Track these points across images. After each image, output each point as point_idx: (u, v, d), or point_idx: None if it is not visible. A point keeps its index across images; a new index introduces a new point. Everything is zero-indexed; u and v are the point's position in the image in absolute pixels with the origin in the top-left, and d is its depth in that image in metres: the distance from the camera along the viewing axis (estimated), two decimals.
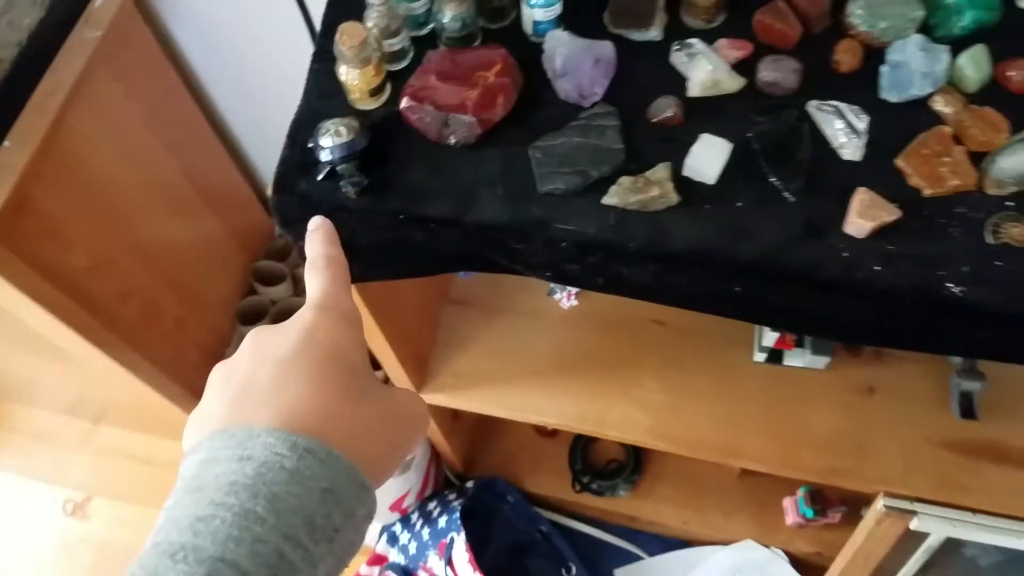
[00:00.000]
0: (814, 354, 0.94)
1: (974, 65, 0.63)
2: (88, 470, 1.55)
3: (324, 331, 0.34)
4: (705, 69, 0.62)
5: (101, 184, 1.06)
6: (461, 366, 1.07)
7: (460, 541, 1.22)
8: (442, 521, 1.29)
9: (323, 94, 0.68)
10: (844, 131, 0.60)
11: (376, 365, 1.23)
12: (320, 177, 0.64)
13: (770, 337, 0.93)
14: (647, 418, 0.99)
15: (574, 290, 1.08)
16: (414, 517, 1.34)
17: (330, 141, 0.63)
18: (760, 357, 0.97)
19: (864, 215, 0.57)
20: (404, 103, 0.64)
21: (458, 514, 1.25)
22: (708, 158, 0.61)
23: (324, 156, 0.64)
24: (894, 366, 0.98)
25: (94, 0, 0.97)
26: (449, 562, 1.24)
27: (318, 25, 0.78)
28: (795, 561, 1.24)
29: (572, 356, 1.05)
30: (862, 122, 0.61)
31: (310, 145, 0.64)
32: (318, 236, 0.42)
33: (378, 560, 1.37)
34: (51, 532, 1.51)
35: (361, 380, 0.34)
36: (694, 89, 0.63)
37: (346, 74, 0.64)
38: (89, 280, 1.06)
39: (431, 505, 1.34)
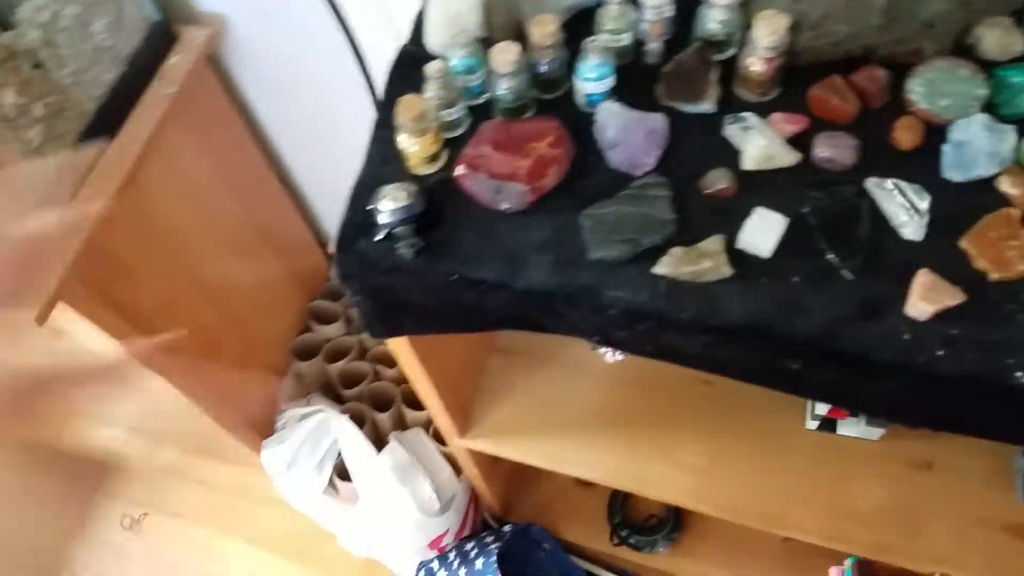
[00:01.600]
0: (869, 424, 0.91)
1: None
2: (146, 488, 1.62)
3: None
4: (759, 143, 0.62)
5: (171, 229, 1.12)
6: (503, 414, 1.07)
7: None
8: (479, 563, 1.28)
9: (383, 160, 0.70)
10: (905, 209, 0.59)
11: (420, 407, 1.24)
12: (379, 238, 0.66)
13: (823, 405, 0.91)
14: (689, 479, 0.96)
15: None
16: (451, 556, 1.34)
17: (389, 205, 0.66)
18: (812, 424, 0.94)
19: (926, 298, 0.56)
20: (459, 171, 0.66)
21: (495, 558, 1.24)
22: (763, 232, 0.61)
23: (383, 219, 0.66)
24: (953, 440, 0.93)
25: (170, 57, 1.03)
26: None
27: (378, 87, 0.82)
28: None
29: (614, 410, 1.04)
30: (923, 201, 0.60)
31: (370, 208, 0.67)
32: None
33: None
34: (108, 544, 1.57)
35: None
36: (748, 162, 0.63)
37: (405, 143, 0.67)
38: (157, 317, 1.11)
39: (468, 546, 1.34)
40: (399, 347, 0.82)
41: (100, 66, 0.98)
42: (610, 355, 1.08)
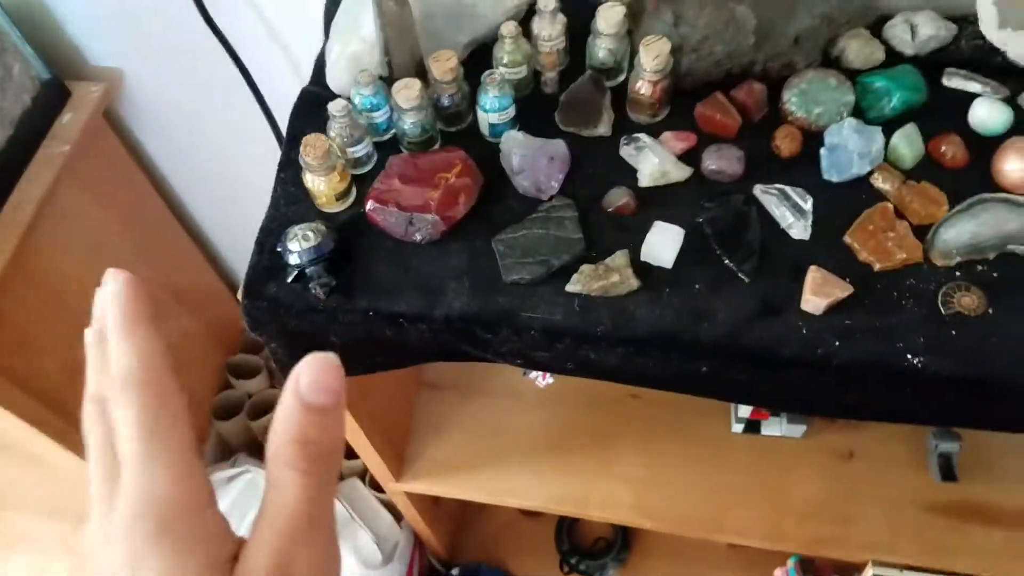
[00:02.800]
0: (790, 423, 0.94)
1: (907, 143, 0.67)
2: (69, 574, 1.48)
3: None
4: (652, 161, 0.65)
5: (71, 293, 1.06)
6: (439, 451, 1.05)
7: None
8: None
9: (290, 200, 0.70)
10: (791, 212, 0.63)
11: (352, 455, 1.21)
12: (289, 280, 0.65)
13: (746, 408, 0.94)
14: (629, 495, 0.97)
15: None
16: None
17: (298, 245, 0.64)
18: (738, 428, 0.97)
19: (818, 292, 0.59)
20: (369, 205, 0.66)
21: None
22: (663, 244, 0.63)
23: (293, 260, 0.65)
24: (871, 430, 0.98)
25: (62, 116, 0.99)
26: None
27: (283, 130, 0.81)
28: None
29: (550, 435, 1.04)
30: (807, 202, 0.64)
31: (279, 250, 0.66)
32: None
33: None
34: None
35: None
36: (644, 180, 0.66)
37: (312, 182, 0.67)
38: (65, 387, 1.04)
39: None
40: None
41: None
42: (540, 380, 1.08)
